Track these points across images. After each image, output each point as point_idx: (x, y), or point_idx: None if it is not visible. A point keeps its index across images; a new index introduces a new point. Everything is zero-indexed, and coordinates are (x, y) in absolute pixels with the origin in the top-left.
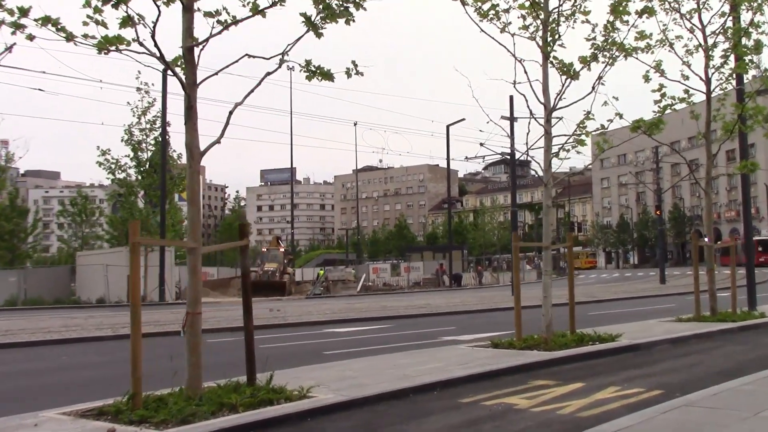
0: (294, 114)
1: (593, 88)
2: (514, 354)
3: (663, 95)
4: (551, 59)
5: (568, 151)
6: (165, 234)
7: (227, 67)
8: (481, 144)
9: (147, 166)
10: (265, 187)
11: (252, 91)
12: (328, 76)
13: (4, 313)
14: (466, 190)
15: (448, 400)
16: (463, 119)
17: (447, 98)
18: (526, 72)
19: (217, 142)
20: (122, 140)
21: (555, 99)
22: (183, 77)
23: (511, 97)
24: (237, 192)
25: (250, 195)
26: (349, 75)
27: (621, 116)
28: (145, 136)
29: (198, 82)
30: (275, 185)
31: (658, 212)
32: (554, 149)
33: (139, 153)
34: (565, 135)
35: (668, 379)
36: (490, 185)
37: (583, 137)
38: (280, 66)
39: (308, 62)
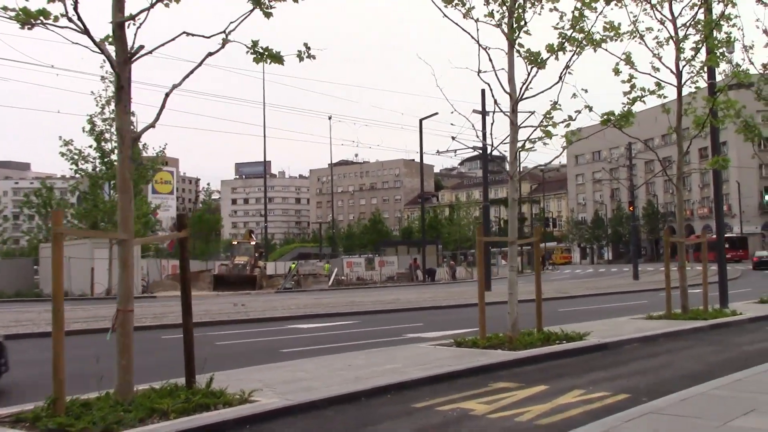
0: (268, 106)
1: (560, 77)
2: (477, 354)
3: (633, 86)
4: (517, 47)
5: (534, 142)
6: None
7: (162, 45)
8: (453, 138)
9: (111, 156)
10: (240, 180)
11: (191, 72)
12: (277, 58)
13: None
14: (442, 185)
15: (401, 404)
16: (436, 113)
17: (421, 91)
18: (491, 60)
19: (152, 126)
20: (83, 130)
21: (521, 89)
22: (113, 55)
23: (483, 91)
24: (208, 185)
25: (224, 188)
26: (300, 58)
27: (590, 109)
28: (108, 126)
29: (130, 59)
30: (250, 178)
31: (631, 208)
32: (520, 142)
33: (103, 143)
34: (532, 126)
35: (635, 382)
36: (466, 180)
37: (550, 128)
38: (222, 46)
39: (255, 43)
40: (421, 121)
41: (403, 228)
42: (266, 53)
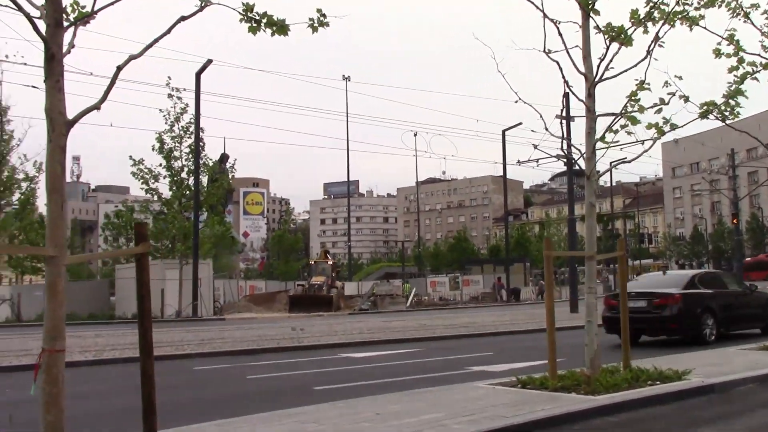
0: (352, 122)
1: (648, 52)
2: (544, 399)
3: (741, 60)
4: (592, 17)
5: (616, 132)
6: (198, 248)
7: (106, 7)
8: (535, 146)
9: (181, 175)
10: (328, 201)
11: (159, 39)
12: (279, 28)
13: (21, 329)
14: (532, 201)
15: None
16: (520, 123)
17: (500, 94)
18: (560, 34)
19: (96, 108)
20: (153, 149)
21: (598, 67)
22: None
23: (566, 95)
24: (290, 206)
25: (313, 208)
26: (314, 29)
27: (687, 99)
28: (177, 144)
29: (66, 24)
30: (338, 198)
31: (735, 221)
32: (599, 133)
33: (172, 161)
34: (611, 114)
35: None
36: (556, 196)
37: (636, 113)
38: (200, 9)
39: (249, 7)
40: (504, 132)
41: (491, 246)
42: (264, 20)
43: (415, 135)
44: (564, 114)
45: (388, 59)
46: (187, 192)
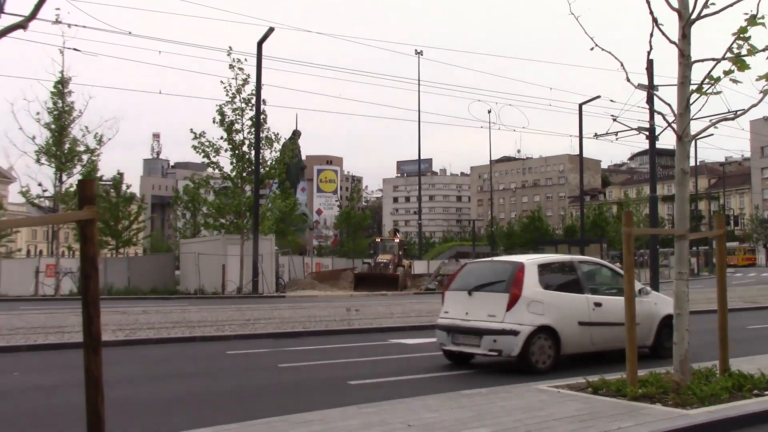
0: (423, 92)
1: None
2: (621, 411)
3: None
4: None
5: (717, 81)
6: (258, 224)
7: None
8: (614, 119)
9: (242, 148)
10: (402, 179)
11: None
12: None
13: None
14: (610, 181)
15: None
16: (598, 96)
17: (574, 59)
18: None
19: (20, 27)
20: (213, 121)
21: (696, 3)
22: None
23: (650, 61)
24: (360, 183)
25: (386, 187)
26: None
27: None
28: (238, 117)
29: None
30: (411, 176)
31: None
32: (694, 84)
33: (234, 135)
34: (711, 59)
35: None
36: (636, 176)
37: (744, 55)
38: None
39: None
40: (580, 106)
41: (566, 226)
42: None
43: (489, 112)
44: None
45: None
46: (249, 166)
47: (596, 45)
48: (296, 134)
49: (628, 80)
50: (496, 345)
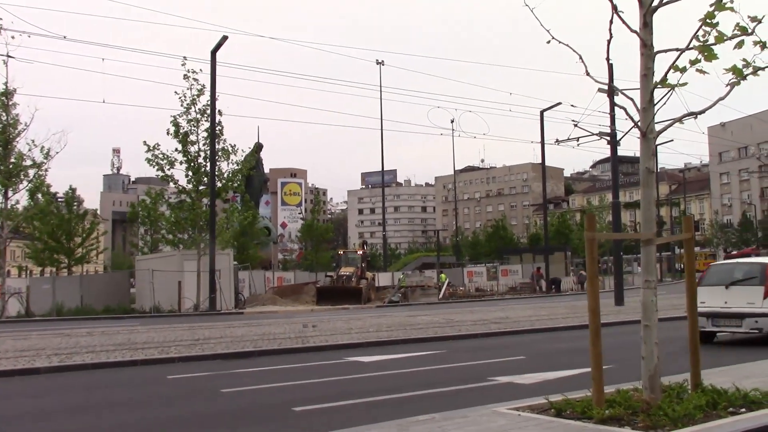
0: (385, 100)
1: None
2: None
3: None
4: None
5: (683, 71)
6: (215, 238)
7: None
8: (575, 124)
9: (198, 160)
10: (366, 190)
11: None
12: None
13: (27, 325)
14: (573, 189)
15: None
16: (559, 103)
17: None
18: None
19: None
20: (168, 133)
21: None
22: None
23: (610, 65)
24: (322, 194)
25: (351, 198)
26: None
27: (765, 45)
28: (193, 128)
29: None
30: (377, 188)
31: None
32: (658, 74)
33: (189, 146)
34: (675, 50)
35: None
36: (598, 183)
37: (712, 44)
38: None
39: None
40: (542, 112)
41: (531, 234)
42: None
43: (452, 121)
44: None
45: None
46: (205, 179)
47: (552, 38)
48: (258, 147)
49: (588, 74)
50: (757, 325)
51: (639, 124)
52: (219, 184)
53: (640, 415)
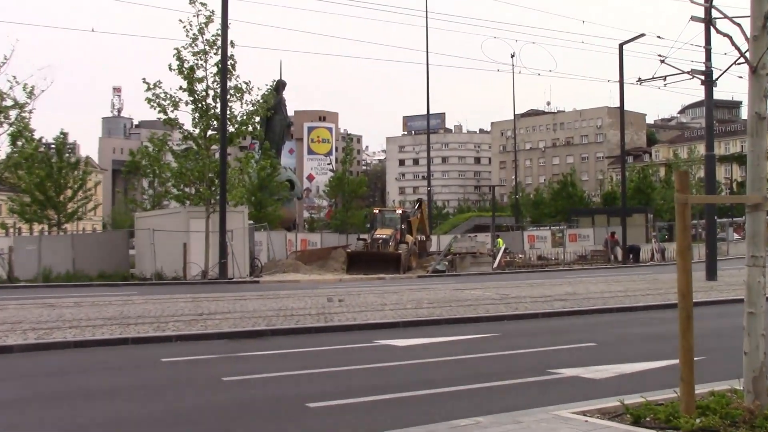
0: (432, 28)
1: None
2: None
3: None
4: None
5: None
6: (225, 192)
7: None
8: (662, 60)
9: (207, 100)
10: (409, 137)
11: None
12: None
13: (8, 292)
14: (656, 138)
15: None
16: (643, 34)
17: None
18: None
19: None
20: (170, 68)
21: None
22: None
23: None
24: (355, 141)
25: (390, 147)
26: None
27: None
28: (201, 61)
29: None
30: (420, 134)
31: None
32: None
33: (196, 84)
34: None
35: None
36: (688, 132)
37: None
38: None
39: None
40: (621, 45)
41: (605, 193)
42: None
43: (513, 56)
44: None
45: None
46: (215, 122)
47: None
48: (280, 85)
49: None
50: None
51: (748, 56)
52: (231, 129)
53: (740, 428)
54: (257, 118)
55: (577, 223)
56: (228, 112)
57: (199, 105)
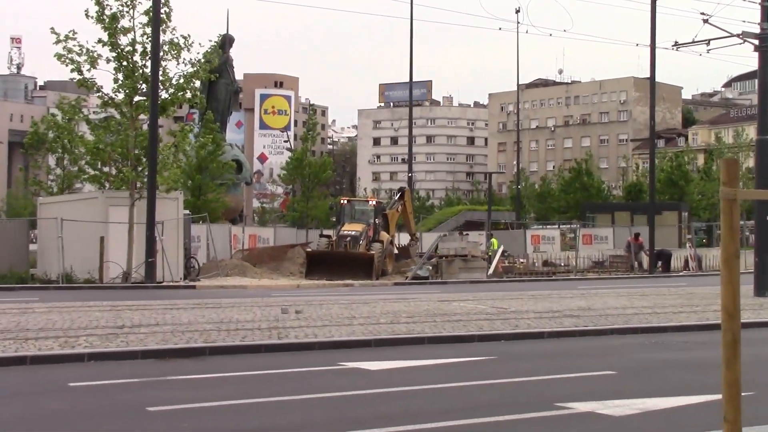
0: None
1: None
2: None
3: None
4: None
5: None
6: (155, 174)
7: None
8: (705, 20)
9: (134, 57)
10: (386, 110)
11: None
12: None
13: None
14: (694, 118)
15: None
16: None
17: None
18: None
19: None
20: (86, 15)
21: None
22: None
23: None
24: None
25: (363, 122)
26: None
27: None
28: (126, 7)
29: None
30: (400, 107)
31: None
32: None
33: (119, 36)
34: None
35: None
36: (734, 111)
37: None
38: None
39: None
40: (654, 0)
41: (628, 184)
42: None
43: (518, 11)
44: None
45: None
46: (144, 86)
47: None
48: (227, 41)
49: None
50: None
51: None
52: (164, 95)
53: None
54: (197, 82)
55: (594, 221)
56: (160, 74)
57: (124, 63)
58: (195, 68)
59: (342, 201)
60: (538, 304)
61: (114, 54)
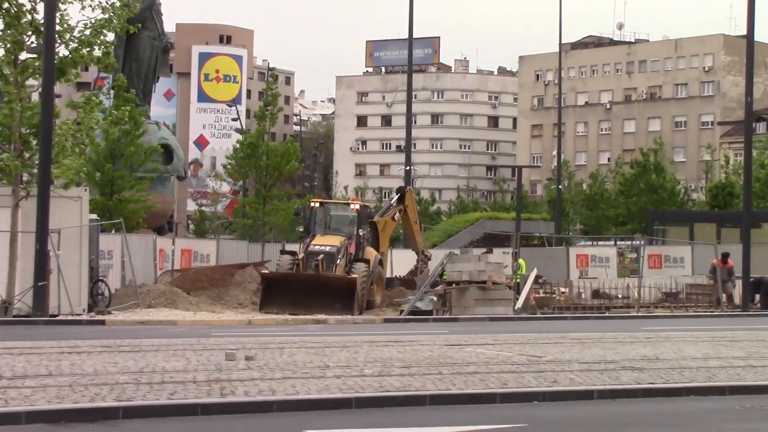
0: None
1: None
2: None
3: None
4: None
5: None
6: (50, 159)
7: None
8: None
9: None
10: (376, 77)
11: None
12: None
13: None
14: None
15: None
16: None
17: None
18: None
19: None
20: None
21: None
22: None
23: None
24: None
25: (343, 93)
26: None
27: None
28: None
29: None
30: (394, 73)
31: None
32: None
33: None
34: None
35: None
36: None
37: None
38: None
39: None
40: None
41: (714, 184)
42: None
43: None
44: None
45: None
46: (34, 40)
47: None
48: None
49: None
50: None
51: None
52: (63, 51)
53: None
54: (110, 35)
55: (664, 237)
56: (58, 22)
57: (5, 6)
58: (107, 15)
59: (312, 204)
60: (586, 351)
61: None
